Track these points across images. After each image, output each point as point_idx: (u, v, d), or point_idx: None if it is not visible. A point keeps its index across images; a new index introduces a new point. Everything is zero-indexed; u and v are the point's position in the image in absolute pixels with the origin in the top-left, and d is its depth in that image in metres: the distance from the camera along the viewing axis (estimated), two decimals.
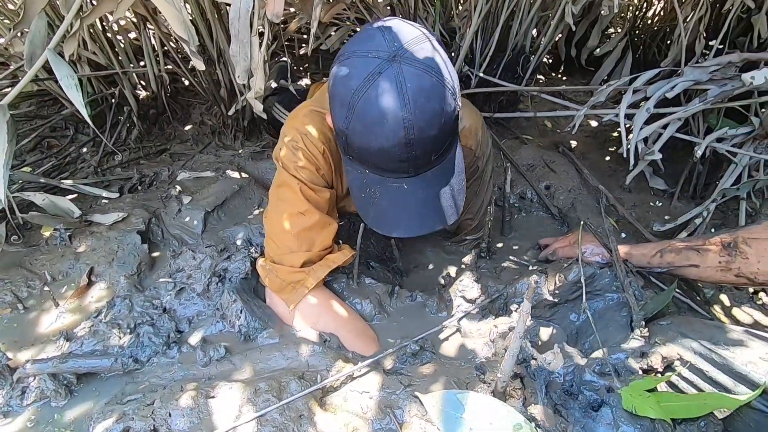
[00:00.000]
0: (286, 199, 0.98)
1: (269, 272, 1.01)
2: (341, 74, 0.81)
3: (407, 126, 0.77)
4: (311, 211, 0.98)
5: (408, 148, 0.79)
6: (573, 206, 1.48)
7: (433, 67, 0.78)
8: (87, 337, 0.95)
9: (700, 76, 1.33)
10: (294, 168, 0.97)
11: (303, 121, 0.99)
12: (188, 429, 0.76)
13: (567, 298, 1.11)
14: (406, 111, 0.76)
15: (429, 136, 0.80)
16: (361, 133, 0.80)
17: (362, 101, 0.78)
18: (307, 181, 0.98)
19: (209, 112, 1.90)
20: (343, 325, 1.00)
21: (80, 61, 1.56)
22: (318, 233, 1.00)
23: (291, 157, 0.98)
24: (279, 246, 1.00)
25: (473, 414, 0.61)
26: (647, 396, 0.74)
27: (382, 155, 0.81)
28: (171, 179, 1.52)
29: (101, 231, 1.24)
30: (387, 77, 0.76)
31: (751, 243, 0.91)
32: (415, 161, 0.83)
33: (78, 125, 1.76)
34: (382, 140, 0.79)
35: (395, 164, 0.83)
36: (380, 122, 0.77)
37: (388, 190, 0.87)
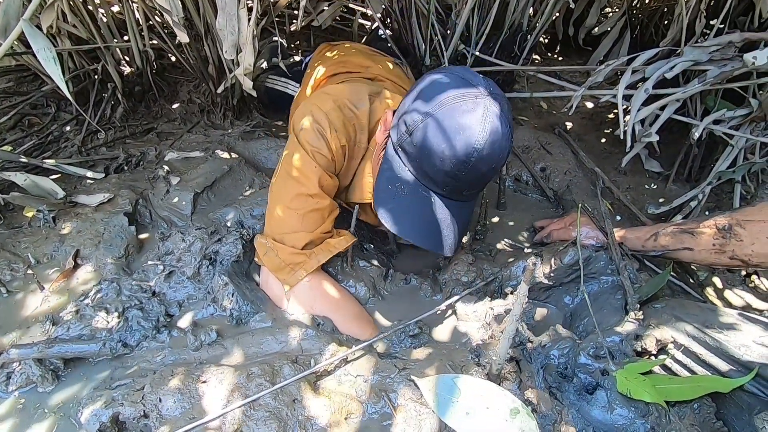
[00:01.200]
0: (298, 179, 0.97)
1: (269, 250, 0.98)
2: (440, 80, 0.87)
3: (476, 149, 0.83)
4: (322, 195, 0.98)
5: (463, 167, 0.84)
6: (568, 188, 1.47)
7: (509, 123, 0.87)
8: (74, 321, 0.92)
9: (700, 56, 1.31)
10: (312, 152, 0.97)
11: (335, 111, 0.99)
12: (179, 414, 0.75)
13: (562, 281, 1.11)
14: (481, 137, 0.82)
15: (480, 170, 0.86)
16: (433, 133, 0.84)
17: (452, 106, 0.83)
18: (322, 166, 0.98)
19: (197, 89, 1.84)
20: (339, 309, 0.99)
21: (60, 34, 1.49)
22: (324, 217, 1.00)
23: (313, 140, 0.97)
24: (282, 224, 0.98)
25: (469, 398, 0.61)
26: (642, 379, 0.74)
27: (438, 161, 0.85)
28: (158, 159, 1.47)
29: (86, 212, 1.21)
30: (481, 104, 0.83)
31: (746, 225, 0.91)
32: (457, 185, 0.89)
33: (60, 102, 1.70)
34: (449, 148, 0.83)
35: (440, 176, 0.87)
36: (456, 132, 0.83)
37: (416, 194, 0.91)
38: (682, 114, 1.40)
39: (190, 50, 1.53)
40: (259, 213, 1.25)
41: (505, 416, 0.57)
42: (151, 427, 0.75)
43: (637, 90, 1.34)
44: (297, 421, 0.75)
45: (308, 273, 0.97)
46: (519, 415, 0.56)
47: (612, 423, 0.70)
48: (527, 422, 0.55)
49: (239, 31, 1.18)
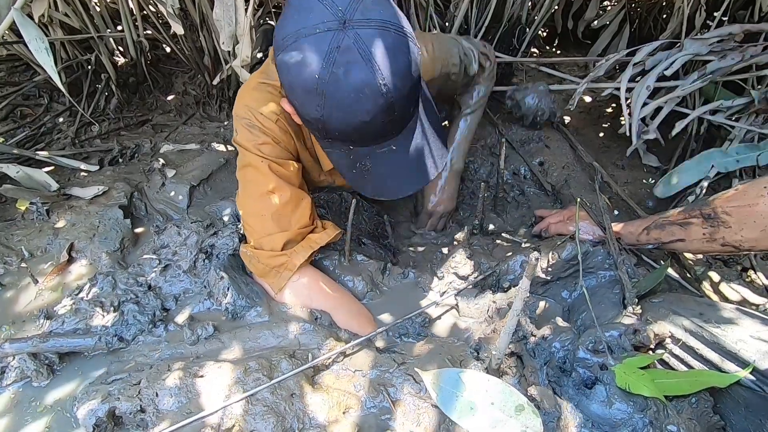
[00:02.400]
0: (252, 180, 0.94)
1: (251, 258, 0.97)
2: (294, 61, 0.73)
3: (385, 92, 0.72)
4: (281, 186, 0.93)
5: (389, 111, 0.75)
6: (566, 183, 1.46)
7: (387, 21, 0.72)
8: (68, 316, 0.91)
9: (700, 48, 1.30)
10: (254, 146, 0.93)
11: (252, 96, 0.94)
12: (176, 409, 0.74)
13: (560, 275, 1.11)
14: (379, 77, 0.71)
15: (405, 92, 0.76)
16: (340, 116, 0.75)
17: (331, 84, 0.72)
18: (270, 156, 0.93)
19: (193, 81, 1.82)
20: (336, 306, 0.98)
21: (52, 23, 1.46)
22: (293, 210, 0.95)
23: (248, 136, 0.93)
24: (256, 230, 0.96)
25: (474, 393, 0.60)
26: (641, 373, 0.74)
27: (366, 128, 0.77)
28: (154, 152, 1.46)
29: (81, 205, 1.19)
30: (347, 49, 0.70)
31: (731, 211, 0.89)
32: (398, 121, 0.80)
33: (53, 93, 1.68)
34: (363, 115, 0.74)
35: (379, 130, 0.79)
36: (357, 99, 0.72)
37: (378, 158, 0.84)
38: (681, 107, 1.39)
39: (186, 41, 1.51)
40: None
41: (510, 413, 0.56)
42: (147, 422, 0.74)
43: (639, 83, 1.34)
44: (295, 415, 0.75)
45: (293, 272, 0.95)
46: (524, 411, 0.56)
47: (611, 417, 0.70)
48: (532, 419, 0.55)
49: (236, 22, 1.16)
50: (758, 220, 0.85)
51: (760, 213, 0.84)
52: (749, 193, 0.87)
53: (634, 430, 0.68)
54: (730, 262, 1.22)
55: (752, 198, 0.86)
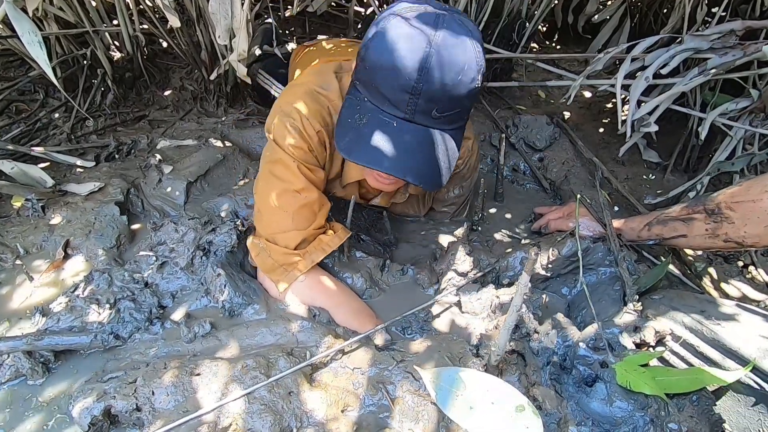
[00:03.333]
0: (281, 177, 0.94)
1: (261, 251, 0.97)
2: (388, 11, 0.82)
3: (427, 53, 0.76)
4: (309, 188, 0.95)
5: (419, 78, 0.77)
6: (566, 179, 1.46)
7: (473, 33, 0.80)
8: (64, 313, 0.90)
9: (701, 44, 1.29)
10: (288, 147, 0.93)
11: (306, 102, 0.94)
12: (173, 408, 0.74)
13: (559, 272, 1.10)
14: (434, 43, 0.76)
15: (442, 81, 0.77)
16: (382, 46, 0.79)
17: (398, 18, 0.78)
18: (302, 160, 0.94)
19: (190, 76, 1.80)
20: (339, 304, 0.98)
21: (47, 18, 1.44)
22: (315, 212, 0.97)
23: (286, 135, 0.93)
24: (272, 224, 0.96)
25: (474, 392, 0.60)
26: (642, 371, 0.73)
27: (391, 75, 0.78)
28: (150, 147, 1.44)
29: (77, 201, 1.18)
30: (431, 16, 0.78)
31: (735, 207, 0.89)
32: (416, 100, 0.79)
33: (48, 88, 1.66)
34: (398, 57, 0.77)
35: (398, 94, 0.79)
36: (405, 38, 0.77)
37: (376, 120, 0.83)
38: (680, 104, 1.38)
39: (182, 35, 1.49)
40: (254, 202, 1.23)
41: (510, 413, 0.56)
42: (144, 421, 0.74)
43: (637, 79, 1.32)
44: (293, 414, 0.74)
45: (302, 273, 0.95)
46: (524, 412, 0.55)
47: (611, 415, 0.69)
48: (532, 420, 0.54)
49: (232, 16, 1.14)
50: (762, 216, 0.84)
51: (764, 209, 0.84)
52: (753, 189, 0.86)
53: (635, 428, 0.67)
54: (730, 258, 1.22)
55: (756, 194, 0.85)
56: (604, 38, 1.94)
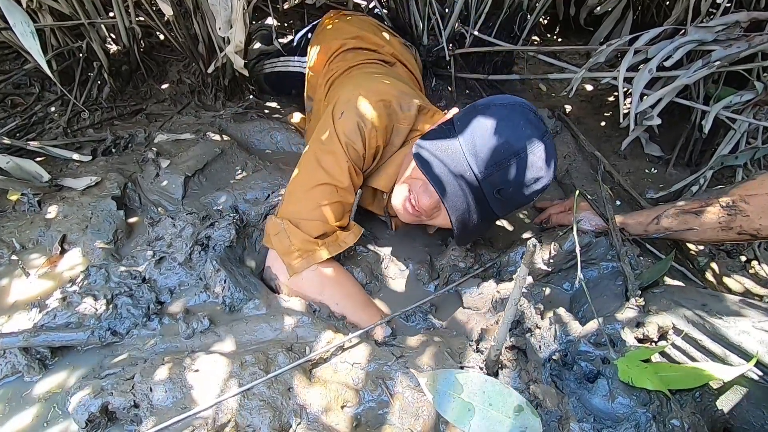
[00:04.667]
0: (328, 169, 0.95)
1: (282, 231, 0.96)
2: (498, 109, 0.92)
3: (520, 149, 0.87)
4: (349, 189, 0.97)
5: (505, 158, 0.87)
6: (568, 172, 1.44)
7: (553, 164, 0.92)
8: (61, 309, 0.90)
9: (705, 36, 1.27)
10: (347, 142, 0.95)
11: (380, 110, 0.97)
12: (171, 404, 0.73)
13: (561, 267, 1.09)
14: (526, 144, 0.87)
15: (517, 177, 0.88)
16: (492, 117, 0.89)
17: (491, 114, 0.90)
18: (353, 160, 0.96)
19: (187, 69, 1.78)
20: (349, 296, 0.97)
21: (41, 9, 1.42)
22: (345, 212, 0.99)
23: (351, 133, 0.95)
24: (302, 209, 0.96)
25: (472, 394, 0.59)
26: (644, 367, 0.72)
27: (486, 140, 0.88)
28: (148, 141, 1.43)
29: (73, 196, 1.17)
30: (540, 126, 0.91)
31: (749, 200, 0.91)
32: (491, 176, 0.89)
33: (44, 82, 1.64)
34: (498, 129, 0.87)
35: (481, 162, 0.88)
36: (512, 121, 0.88)
37: (455, 165, 0.90)
38: (684, 97, 1.37)
39: (179, 28, 1.47)
40: (252, 197, 1.22)
41: (508, 414, 0.55)
42: (141, 417, 0.73)
43: (640, 71, 1.31)
44: (292, 410, 0.73)
45: (317, 263, 0.95)
46: (522, 412, 0.54)
47: (613, 412, 0.69)
48: (531, 420, 0.53)
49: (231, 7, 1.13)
50: None
51: None
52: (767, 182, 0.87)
53: (637, 425, 0.66)
54: (733, 253, 1.21)
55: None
56: (606, 30, 1.91)
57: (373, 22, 1.43)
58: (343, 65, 1.21)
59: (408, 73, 1.33)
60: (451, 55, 1.64)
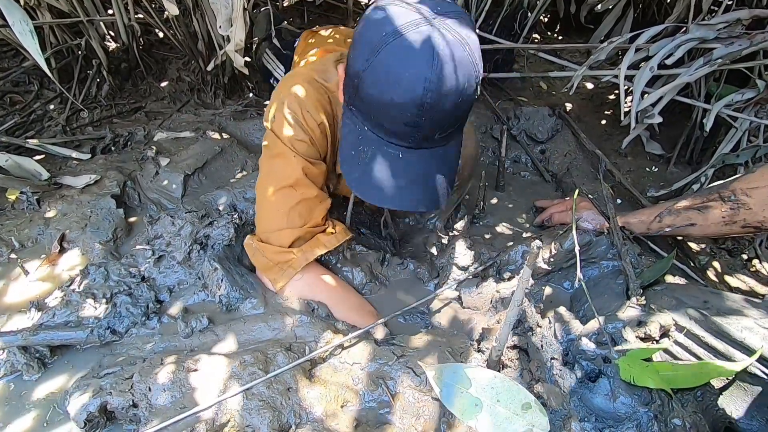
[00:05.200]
0: (280, 172, 0.92)
1: (256, 251, 0.95)
2: (376, 16, 0.74)
3: (427, 87, 0.71)
4: (308, 185, 0.92)
5: (419, 111, 0.73)
6: (568, 171, 1.44)
7: (469, 43, 0.73)
8: (59, 308, 0.89)
9: (707, 33, 1.26)
10: (290, 140, 0.90)
11: (305, 89, 0.91)
12: (170, 404, 0.73)
13: (561, 266, 1.09)
14: (431, 72, 0.70)
15: (443, 108, 0.73)
16: (378, 80, 0.73)
17: (391, 46, 0.71)
18: (303, 154, 0.91)
19: (186, 67, 1.78)
20: (339, 301, 0.97)
21: (40, 7, 1.42)
22: (311, 209, 0.94)
23: (287, 128, 0.90)
24: (267, 223, 0.95)
25: (480, 390, 0.58)
26: (645, 365, 0.72)
27: (391, 111, 0.74)
28: (147, 139, 1.42)
29: (72, 195, 1.16)
30: (423, 33, 0.71)
31: (751, 193, 0.91)
32: (419, 131, 0.76)
33: (43, 79, 1.64)
34: (396, 93, 0.72)
35: (399, 127, 0.76)
36: (401, 73, 0.71)
37: (381, 154, 0.79)
38: (684, 95, 1.36)
39: (178, 25, 1.46)
40: (252, 196, 1.21)
41: (515, 410, 0.55)
42: (140, 417, 0.73)
43: (641, 69, 1.30)
44: (291, 410, 0.73)
45: (298, 271, 0.93)
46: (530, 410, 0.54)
47: (615, 411, 0.68)
48: (538, 418, 0.53)
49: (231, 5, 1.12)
50: None
51: None
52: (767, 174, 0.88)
53: (638, 424, 0.66)
54: (734, 251, 1.20)
55: None
56: (607, 28, 1.91)
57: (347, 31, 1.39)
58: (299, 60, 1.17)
59: None
60: None
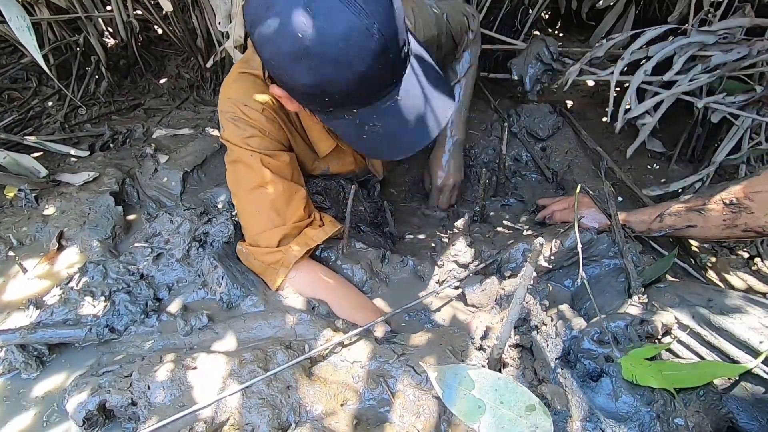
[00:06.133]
0: (243, 176, 0.91)
1: (247, 256, 0.96)
2: (271, 30, 0.67)
3: (375, 32, 0.66)
4: (273, 180, 0.90)
5: (384, 54, 0.69)
6: (569, 168, 1.43)
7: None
8: (58, 306, 0.89)
9: (707, 38, 1.26)
10: (241, 140, 0.89)
11: (234, 88, 0.91)
12: (169, 402, 0.72)
13: (562, 264, 1.08)
14: (364, 17, 0.65)
15: (394, 28, 0.69)
16: (335, 72, 0.68)
17: (316, 40, 0.65)
18: (259, 149, 0.90)
19: (185, 64, 1.77)
20: (340, 299, 0.96)
21: (38, 3, 1.41)
22: (286, 204, 0.92)
23: (234, 130, 0.90)
24: (251, 228, 0.95)
25: (483, 391, 0.58)
26: (648, 365, 0.72)
27: (365, 81, 0.70)
28: (146, 137, 1.42)
29: (71, 192, 1.16)
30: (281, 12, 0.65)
31: (754, 197, 0.89)
32: (396, 65, 0.73)
33: (41, 76, 1.63)
34: (358, 64, 0.67)
35: (378, 81, 0.73)
36: (348, 48, 0.66)
37: (385, 113, 0.77)
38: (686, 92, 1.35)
39: (177, 22, 1.46)
40: None
41: (519, 412, 0.54)
42: (139, 416, 0.72)
43: (636, 73, 1.30)
44: (291, 408, 0.72)
45: (290, 269, 0.93)
46: (534, 412, 0.53)
47: (617, 411, 0.68)
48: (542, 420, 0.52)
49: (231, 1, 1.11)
50: None
51: None
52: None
53: (641, 424, 0.66)
54: (735, 249, 1.20)
55: None
56: (608, 25, 1.90)
57: None
58: None
59: None
60: None
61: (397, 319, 0.97)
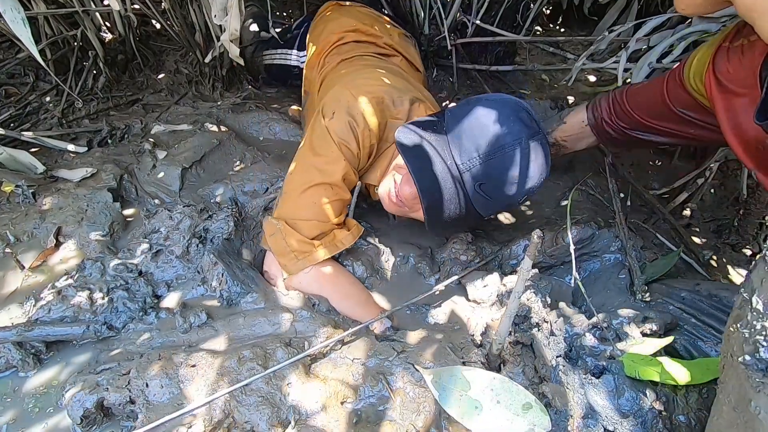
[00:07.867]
0: (323, 169, 0.94)
1: (278, 232, 0.95)
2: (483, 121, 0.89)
3: (506, 145, 0.86)
4: (344, 188, 0.96)
5: (490, 152, 0.86)
6: (571, 165, 1.42)
7: (545, 166, 0.91)
8: (55, 303, 0.88)
9: (709, 26, 1.24)
10: (341, 142, 0.94)
11: (372, 108, 0.95)
12: (167, 400, 0.72)
13: (564, 259, 1.08)
14: (513, 140, 0.86)
15: (501, 173, 0.87)
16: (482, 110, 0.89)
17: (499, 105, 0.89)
18: (348, 159, 0.95)
19: (184, 59, 1.75)
20: (345, 296, 0.96)
21: None
22: (341, 210, 0.98)
23: (343, 133, 0.94)
24: (297, 209, 0.95)
25: (479, 392, 0.57)
26: (650, 361, 0.71)
27: (472, 131, 0.88)
28: (144, 132, 1.41)
29: (68, 188, 1.15)
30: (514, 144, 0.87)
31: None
32: (473, 168, 0.88)
33: (38, 71, 1.61)
34: (485, 122, 0.87)
35: (464, 152, 0.87)
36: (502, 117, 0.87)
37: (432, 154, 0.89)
38: None
39: (175, 16, 1.44)
40: (251, 189, 1.20)
41: (516, 411, 0.53)
42: (137, 413, 0.71)
43: (639, 62, 1.28)
44: (291, 406, 0.72)
45: (312, 264, 0.94)
46: (531, 410, 0.53)
47: (619, 408, 0.67)
48: (540, 417, 0.52)
49: None
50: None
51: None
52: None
53: (643, 421, 0.65)
54: (737, 246, 1.19)
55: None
56: (611, 20, 1.88)
57: (370, 12, 1.40)
58: (337, 58, 1.19)
59: (408, 64, 1.30)
60: (453, 45, 1.61)
61: (398, 315, 0.97)
